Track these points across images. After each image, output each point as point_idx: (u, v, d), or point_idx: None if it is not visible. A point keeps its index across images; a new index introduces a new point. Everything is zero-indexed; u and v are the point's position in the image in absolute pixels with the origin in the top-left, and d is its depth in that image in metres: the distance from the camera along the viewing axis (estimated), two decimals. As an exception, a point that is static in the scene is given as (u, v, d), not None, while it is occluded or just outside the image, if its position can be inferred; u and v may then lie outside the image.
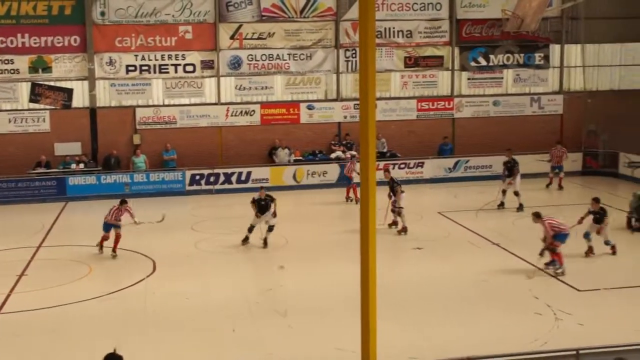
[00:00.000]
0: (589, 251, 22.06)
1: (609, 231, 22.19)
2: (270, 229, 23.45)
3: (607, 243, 22.03)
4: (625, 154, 34.50)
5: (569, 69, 37.80)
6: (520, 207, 28.07)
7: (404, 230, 25.25)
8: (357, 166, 27.08)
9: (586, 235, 21.95)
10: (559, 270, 19.98)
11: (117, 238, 22.66)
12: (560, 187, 32.00)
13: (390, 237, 23.75)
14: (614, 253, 21.98)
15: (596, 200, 22.28)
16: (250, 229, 23.50)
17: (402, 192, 25.66)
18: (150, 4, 33.26)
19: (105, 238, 22.69)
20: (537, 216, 20.51)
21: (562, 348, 12.56)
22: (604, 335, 14.44)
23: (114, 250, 22.59)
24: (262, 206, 23.42)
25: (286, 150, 34.26)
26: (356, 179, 27.74)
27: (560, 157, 32.00)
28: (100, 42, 33.16)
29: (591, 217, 22.17)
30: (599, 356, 12.49)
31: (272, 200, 23.62)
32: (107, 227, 22.71)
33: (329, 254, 22.33)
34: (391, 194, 25.92)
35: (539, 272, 20.08)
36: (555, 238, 20.04)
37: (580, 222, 21.65)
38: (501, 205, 28.51)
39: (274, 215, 23.43)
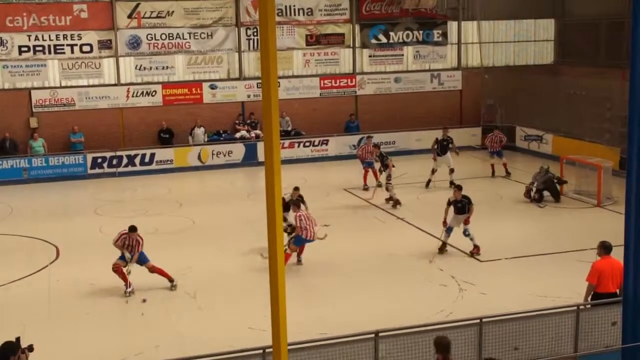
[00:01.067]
0: (443, 247, 20.59)
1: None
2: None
3: (467, 235, 20.33)
4: (522, 127, 35.40)
5: (466, 45, 38.54)
6: (452, 183, 26.88)
7: (399, 202, 25.55)
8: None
9: (449, 230, 20.39)
10: None
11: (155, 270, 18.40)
12: (508, 173, 30.34)
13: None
14: (475, 254, 20.23)
15: (459, 188, 20.78)
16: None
17: (393, 166, 25.95)
18: (43, -18, 32.56)
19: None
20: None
21: (466, 317, 12.93)
22: (505, 303, 14.90)
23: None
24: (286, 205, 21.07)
25: (202, 129, 34.08)
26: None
27: (499, 143, 30.57)
28: (-9, 21, 32.30)
29: (451, 208, 20.53)
30: (501, 324, 12.96)
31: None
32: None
33: (237, 235, 22.38)
34: (382, 168, 26.23)
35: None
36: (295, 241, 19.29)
37: (445, 223, 20.37)
38: (428, 183, 28.55)
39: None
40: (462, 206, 20.41)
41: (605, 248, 14.48)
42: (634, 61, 11.23)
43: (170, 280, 18.13)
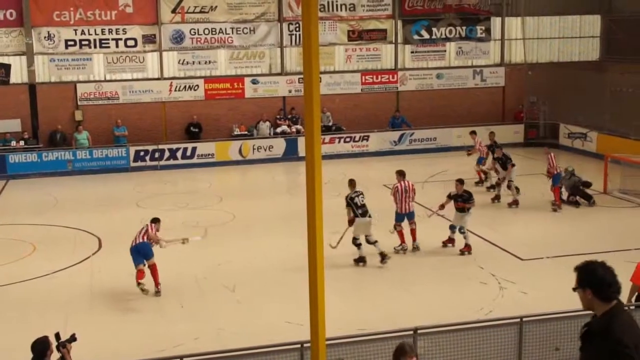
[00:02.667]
0: (448, 241, 20.57)
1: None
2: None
3: (462, 232, 20.18)
4: (565, 125, 35.04)
5: (509, 41, 38.26)
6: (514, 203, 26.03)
7: (515, 203, 25.10)
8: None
9: (452, 228, 20.45)
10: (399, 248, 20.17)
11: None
12: (482, 181, 28.88)
13: (339, 208, 23.58)
14: (466, 252, 19.97)
15: (460, 182, 20.50)
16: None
17: (514, 165, 25.64)
18: (89, -23, 32.84)
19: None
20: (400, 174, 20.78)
21: (507, 316, 12.82)
22: (547, 302, 14.70)
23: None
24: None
25: (267, 123, 34.29)
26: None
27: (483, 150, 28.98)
28: (38, 16, 32.58)
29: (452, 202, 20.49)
30: (542, 323, 12.81)
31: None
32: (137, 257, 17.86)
33: (277, 229, 22.38)
34: (500, 169, 26.05)
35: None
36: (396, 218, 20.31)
37: (441, 207, 20.92)
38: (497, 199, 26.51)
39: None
40: (463, 201, 20.26)
41: None
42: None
43: (157, 284, 17.57)
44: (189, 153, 32.85)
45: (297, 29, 34.68)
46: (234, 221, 23.97)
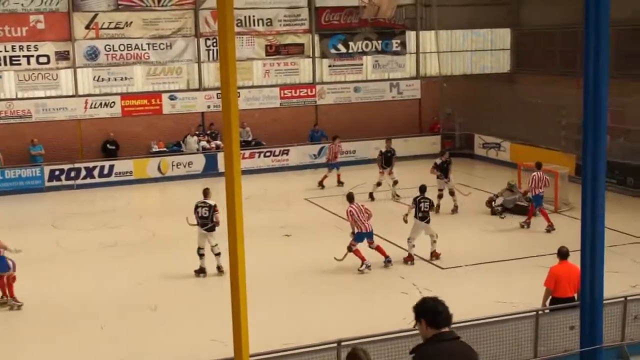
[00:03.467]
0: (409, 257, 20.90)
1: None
2: None
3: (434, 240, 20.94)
4: (480, 135, 35.76)
5: (424, 54, 38.87)
6: (397, 196, 28.13)
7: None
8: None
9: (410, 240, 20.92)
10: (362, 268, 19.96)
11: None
12: (340, 183, 30.87)
13: (261, 223, 23.74)
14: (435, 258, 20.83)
15: (421, 189, 21.41)
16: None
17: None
18: (-1, -7, 32.37)
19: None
20: (348, 199, 20.61)
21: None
22: (465, 309, 14.96)
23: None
24: None
25: (195, 138, 34.16)
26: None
27: (337, 153, 31.09)
28: (-55, 33, 32.02)
29: (414, 219, 20.99)
30: (461, 330, 13.04)
31: None
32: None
33: (193, 247, 22.11)
34: (442, 175, 26.47)
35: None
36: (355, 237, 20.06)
37: (405, 219, 21.07)
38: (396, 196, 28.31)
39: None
40: (425, 209, 21.04)
41: (561, 254, 14.68)
42: (586, 70, 11.45)
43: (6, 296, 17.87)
44: (106, 171, 32.44)
45: (215, 44, 34.66)
46: (153, 239, 23.81)
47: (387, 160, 28.65)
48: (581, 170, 12.11)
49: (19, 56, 32.80)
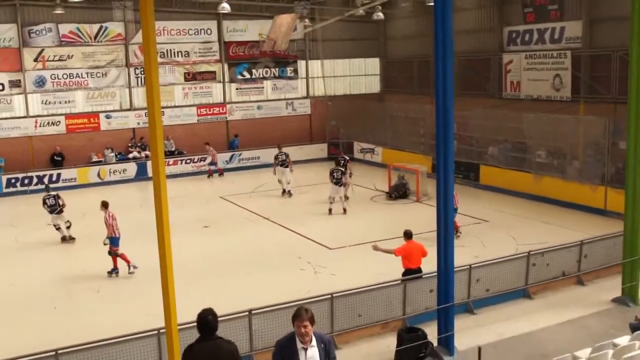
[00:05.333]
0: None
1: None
2: None
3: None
4: (358, 142, 36.20)
5: (313, 79, 39.01)
6: (289, 193, 28.10)
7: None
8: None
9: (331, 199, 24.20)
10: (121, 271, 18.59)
11: None
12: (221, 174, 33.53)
13: (184, 217, 23.49)
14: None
15: (337, 161, 24.32)
16: None
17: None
18: (-41, 34, 31.11)
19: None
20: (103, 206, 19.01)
21: (321, 294, 13.14)
22: (351, 281, 15.16)
23: None
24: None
25: (113, 153, 33.50)
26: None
27: (215, 155, 33.42)
28: None
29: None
30: (347, 297, 13.34)
31: None
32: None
33: (132, 238, 21.72)
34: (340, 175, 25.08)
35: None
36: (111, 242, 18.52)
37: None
38: (285, 192, 28.17)
39: None
40: (338, 176, 24.40)
41: (407, 235, 14.91)
42: (437, 90, 11.79)
43: None
44: (54, 178, 31.45)
45: (142, 72, 34.06)
46: (94, 233, 23.17)
47: (282, 162, 28.33)
48: (436, 168, 12.44)
49: (-23, 85, 31.70)
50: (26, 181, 31.10)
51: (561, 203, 24.00)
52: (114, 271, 18.44)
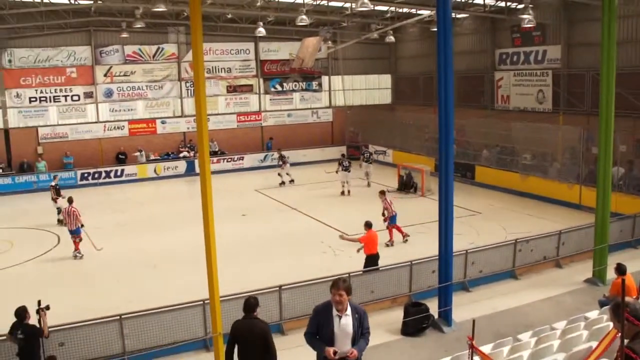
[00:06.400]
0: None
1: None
2: None
3: None
4: (373, 145, 36.04)
5: (334, 91, 38.90)
6: (291, 181, 29.27)
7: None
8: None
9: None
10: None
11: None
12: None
13: (225, 207, 23.51)
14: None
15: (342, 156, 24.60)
16: None
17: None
18: (44, 53, 31.33)
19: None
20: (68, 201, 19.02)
21: (340, 273, 13.01)
22: (360, 261, 14.88)
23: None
24: None
25: (142, 152, 33.36)
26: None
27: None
28: (9, 81, 30.92)
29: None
30: (359, 276, 13.32)
31: None
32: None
33: (182, 223, 21.75)
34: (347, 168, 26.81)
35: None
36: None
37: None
38: (282, 183, 29.26)
39: None
40: (346, 164, 26.35)
41: (368, 225, 15.03)
42: (439, 101, 11.70)
43: None
44: (119, 173, 31.80)
45: (191, 85, 34.20)
46: (150, 219, 23.36)
47: (282, 160, 29.59)
48: (438, 168, 12.35)
49: (59, 95, 32.05)
50: (96, 175, 31.39)
51: (543, 198, 23.79)
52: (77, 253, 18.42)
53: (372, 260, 14.40)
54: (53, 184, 23.80)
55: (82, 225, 18.58)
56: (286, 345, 11.57)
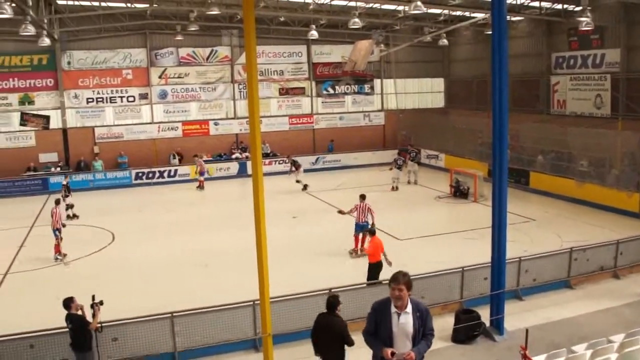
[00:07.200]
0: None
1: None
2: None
3: None
4: (425, 149, 35.75)
5: (387, 95, 38.74)
6: (304, 187, 28.79)
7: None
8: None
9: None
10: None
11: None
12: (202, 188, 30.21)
13: (276, 208, 23.58)
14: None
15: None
16: None
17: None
18: (102, 55, 32.25)
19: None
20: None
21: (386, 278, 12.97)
22: (417, 267, 14.76)
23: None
24: None
25: (177, 159, 33.66)
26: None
27: (202, 166, 30.67)
28: (68, 82, 31.93)
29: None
30: (415, 281, 12.91)
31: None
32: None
33: (235, 222, 22.02)
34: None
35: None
36: None
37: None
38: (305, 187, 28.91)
39: None
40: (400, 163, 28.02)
41: (371, 232, 15.22)
42: (494, 106, 11.53)
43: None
44: (172, 173, 32.39)
45: (244, 88, 34.54)
46: (201, 219, 23.67)
47: (294, 165, 29.70)
48: (491, 173, 12.18)
49: (115, 97, 32.90)
50: (150, 175, 32.04)
51: (600, 206, 23.13)
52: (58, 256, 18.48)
53: (375, 268, 14.32)
54: (64, 182, 25.08)
55: (64, 226, 18.80)
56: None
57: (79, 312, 10.17)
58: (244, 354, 11.68)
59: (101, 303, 10.31)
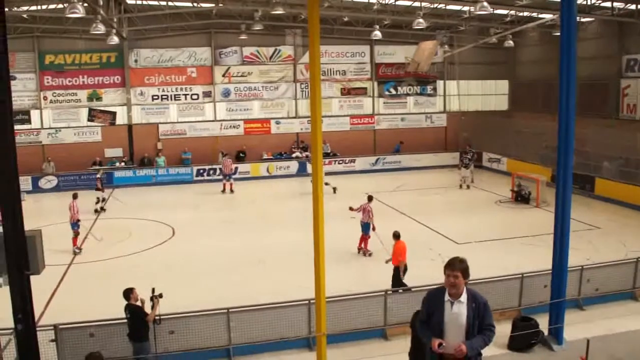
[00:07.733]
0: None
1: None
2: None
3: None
4: (486, 152, 35.17)
5: (449, 96, 38.30)
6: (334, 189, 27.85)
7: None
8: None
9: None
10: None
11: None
12: (232, 191, 29.29)
13: (335, 207, 23.56)
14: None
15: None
16: None
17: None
18: (167, 54, 33.04)
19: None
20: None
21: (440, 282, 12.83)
22: (475, 272, 14.43)
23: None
24: None
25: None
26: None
27: (229, 167, 29.74)
28: (134, 79, 32.87)
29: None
30: (473, 286, 12.86)
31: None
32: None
33: (294, 221, 22.29)
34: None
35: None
36: None
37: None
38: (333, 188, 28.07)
39: None
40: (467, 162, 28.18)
41: (396, 235, 14.91)
42: (560, 109, 11.25)
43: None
44: (233, 171, 32.68)
45: (306, 87, 34.80)
46: (260, 217, 23.90)
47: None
48: (555, 178, 11.88)
49: (179, 94, 33.61)
50: (211, 172, 32.57)
51: (672, 215, 22.24)
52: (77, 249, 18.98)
53: (398, 271, 14.15)
54: (99, 176, 25.99)
55: (79, 221, 19.22)
56: (389, 350, 11.55)
57: (138, 303, 10.45)
58: (298, 352, 11.76)
59: (160, 296, 10.57)
